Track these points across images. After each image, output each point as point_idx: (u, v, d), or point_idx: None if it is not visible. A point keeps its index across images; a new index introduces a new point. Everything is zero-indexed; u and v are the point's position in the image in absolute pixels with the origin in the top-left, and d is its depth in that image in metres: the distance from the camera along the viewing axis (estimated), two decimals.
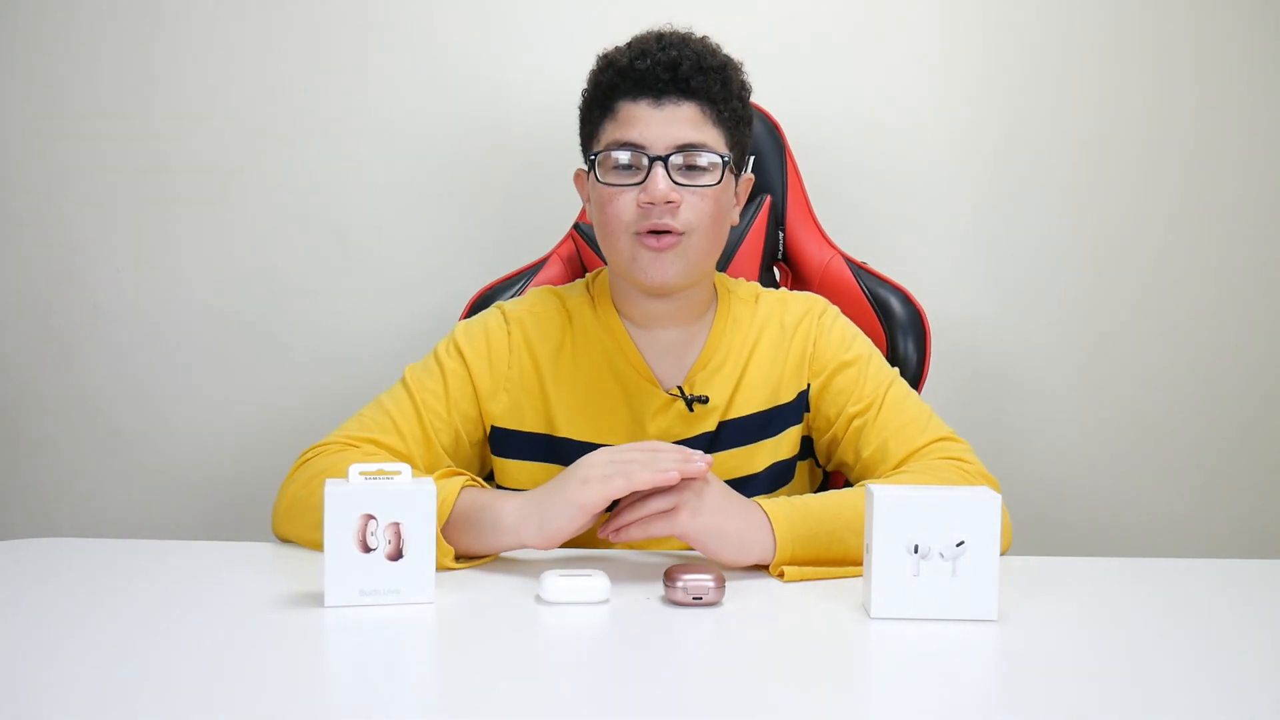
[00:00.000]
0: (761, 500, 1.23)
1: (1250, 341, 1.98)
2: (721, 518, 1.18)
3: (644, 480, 1.12)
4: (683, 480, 1.17)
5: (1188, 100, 1.95)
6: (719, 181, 1.34)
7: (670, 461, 1.14)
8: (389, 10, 1.93)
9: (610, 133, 1.35)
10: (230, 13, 1.93)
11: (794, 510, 1.21)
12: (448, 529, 1.20)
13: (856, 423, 1.39)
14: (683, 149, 1.33)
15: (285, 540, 1.32)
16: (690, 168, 1.33)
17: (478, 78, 1.94)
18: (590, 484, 1.14)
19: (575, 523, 1.15)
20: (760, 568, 1.21)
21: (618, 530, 1.18)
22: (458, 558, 1.20)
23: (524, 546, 1.19)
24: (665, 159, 1.32)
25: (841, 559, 1.20)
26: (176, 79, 1.94)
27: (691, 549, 1.24)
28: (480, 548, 1.20)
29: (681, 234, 1.33)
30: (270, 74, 1.94)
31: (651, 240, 1.33)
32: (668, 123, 1.32)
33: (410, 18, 1.93)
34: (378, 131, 1.95)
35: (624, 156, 1.33)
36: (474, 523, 1.17)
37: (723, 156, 1.34)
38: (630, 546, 1.32)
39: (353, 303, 1.97)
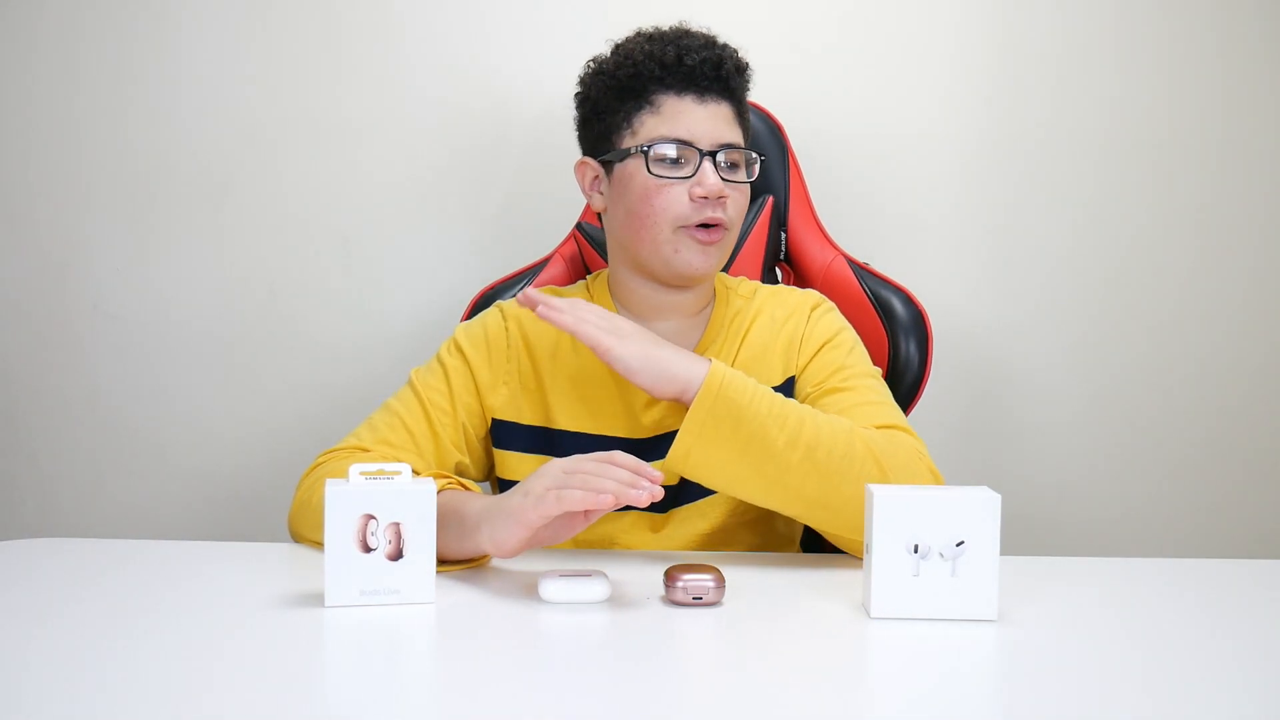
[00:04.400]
0: (713, 360, 1.27)
1: (1250, 343, 1.98)
2: (648, 350, 1.26)
3: (577, 500, 1.09)
4: (594, 320, 1.27)
5: (1184, 99, 1.95)
6: (755, 176, 1.42)
7: (614, 480, 1.10)
8: (391, 10, 1.93)
9: (654, 126, 1.38)
10: (231, 13, 1.94)
11: (735, 374, 1.24)
12: None
13: (823, 399, 1.37)
14: (727, 147, 1.39)
15: (299, 542, 1.33)
16: (729, 165, 1.39)
17: (479, 78, 1.94)
18: (530, 498, 1.12)
19: (518, 537, 1.12)
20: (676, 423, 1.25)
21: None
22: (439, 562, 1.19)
23: (484, 553, 1.18)
24: (714, 155, 1.37)
25: (757, 454, 1.22)
26: (177, 79, 1.95)
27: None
28: (452, 551, 1.19)
29: (724, 229, 1.39)
30: (271, 74, 1.94)
31: (702, 234, 1.38)
32: (712, 119, 1.38)
33: (412, 18, 1.93)
34: (379, 131, 1.95)
35: (675, 151, 1.37)
36: (443, 526, 1.17)
37: (759, 155, 1.43)
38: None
39: (354, 302, 1.97)
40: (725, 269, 1.64)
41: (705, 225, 1.38)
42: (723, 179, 1.37)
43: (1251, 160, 1.96)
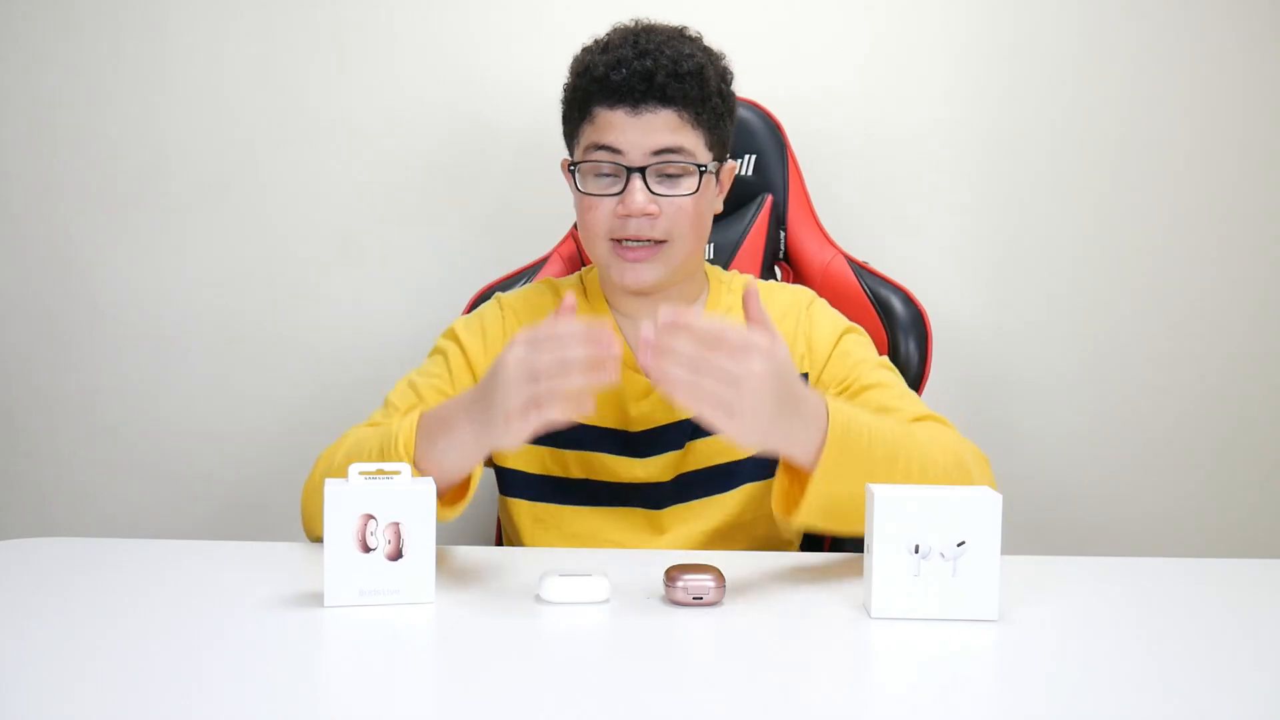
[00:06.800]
0: (828, 401, 1.15)
1: (1249, 338, 1.98)
2: (767, 428, 1.09)
3: (560, 421, 1.09)
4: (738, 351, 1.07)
5: (1184, 98, 1.95)
6: (697, 190, 1.35)
7: (579, 375, 1.08)
8: (387, 10, 1.93)
9: (588, 136, 1.36)
10: (230, 13, 1.93)
11: (850, 428, 1.14)
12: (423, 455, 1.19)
13: (858, 399, 1.36)
14: (660, 153, 1.33)
15: (315, 541, 1.33)
16: (669, 176, 1.34)
17: (476, 77, 1.94)
18: (510, 426, 1.10)
19: (483, 456, 1.17)
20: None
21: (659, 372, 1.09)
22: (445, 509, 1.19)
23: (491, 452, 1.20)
24: (643, 170, 1.33)
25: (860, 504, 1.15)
26: (177, 78, 1.94)
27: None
28: (451, 464, 1.18)
29: (662, 242, 1.36)
30: (271, 74, 1.94)
31: (626, 252, 1.35)
32: (645, 130, 1.33)
33: (409, 17, 1.93)
34: (377, 131, 1.95)
35: (604, 165, 1.34)
36: (438, 435, 1.18)
37: (700, 166, 1.35)
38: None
39: (353, 302, 1.97)
40: (725, 267, 1.64)
41: (631, 241, 1.35)
42: (658, 193, 1.34)
43: (1267, 161, 1.95)
